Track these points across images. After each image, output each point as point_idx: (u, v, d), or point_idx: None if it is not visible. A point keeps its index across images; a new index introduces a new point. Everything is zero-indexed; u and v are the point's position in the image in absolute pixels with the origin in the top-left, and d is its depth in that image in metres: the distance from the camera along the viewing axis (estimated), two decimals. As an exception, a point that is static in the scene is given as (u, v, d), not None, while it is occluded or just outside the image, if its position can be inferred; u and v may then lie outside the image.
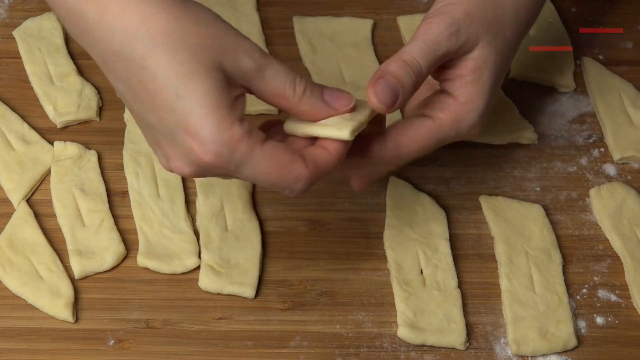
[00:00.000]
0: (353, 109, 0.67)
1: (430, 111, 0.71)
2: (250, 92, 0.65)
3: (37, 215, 0.83)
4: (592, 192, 0.86)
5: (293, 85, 0.65)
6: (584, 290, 0.82)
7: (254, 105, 0.89)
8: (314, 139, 0.68)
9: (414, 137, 0.71)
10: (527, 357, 0.79)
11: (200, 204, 0.84)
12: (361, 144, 0.70)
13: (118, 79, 0.64)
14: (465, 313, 0.80)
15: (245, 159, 0.63)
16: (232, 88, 0.63)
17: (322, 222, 0.85)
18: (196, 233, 0.83)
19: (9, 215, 0.83)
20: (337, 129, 0.66)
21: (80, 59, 0.93)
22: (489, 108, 0.73)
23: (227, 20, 0.93)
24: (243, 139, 0.62)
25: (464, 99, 0.71)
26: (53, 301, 0.78)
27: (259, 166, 0.63)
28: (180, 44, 0.61)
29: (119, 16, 0.61)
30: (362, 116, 0.68)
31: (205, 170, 0.64)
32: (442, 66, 0.72)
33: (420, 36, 0.69)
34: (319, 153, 0.66)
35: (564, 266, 0.82)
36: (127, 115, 0.88)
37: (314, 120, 0.67)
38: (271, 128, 0.69)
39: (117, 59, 0.62)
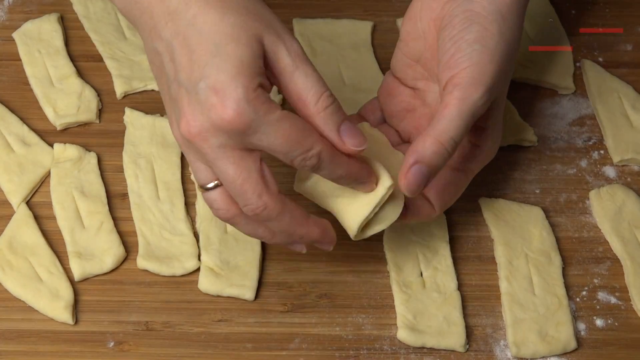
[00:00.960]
0: (361, 151, 0.67)
1: (461, 164, 0.76)
2: (276, 83, 0.66)
3: (36, 218, 0.83)
4: (592, 194, 0.87)
5: (317, 97, 0.65)
6: (584, 293, 0.82)
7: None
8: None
9: (454, 192, 0.77)
10: (527, 359, 0.79)
11: (200, 206, 0.84)
12: (411, 209, 0.74)
13: (161, 40, 0.66)
14: (465, 315, 0.80)
15: (265, 119, 0.63)
16: (264, 64, 0.64)
17: (321, 224, 0.84)
18: (196, 235, 0.83)
19: (8, 217, 0.83)
20: (353, 216, 0.70)
21: (80, 61, 0.93)
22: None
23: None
24: (266, 102, 0.63)
25: (487, 146, 0.75)
26: (53, 303, 0.78)
27: (278, 127, 0.63)
28: (232, 9, 0.64)
29: None
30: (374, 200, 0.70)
31: (214, 132, 0.64)
32: None
33: (456, 108, 0.68)
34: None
35: (563, 268, 0.82)
36: (127, 118, 0.88)
37: (320, 135, 0.66)
38: None
39: (169, 18, 0.65)
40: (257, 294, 0.81)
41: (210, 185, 0.68)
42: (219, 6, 0.64)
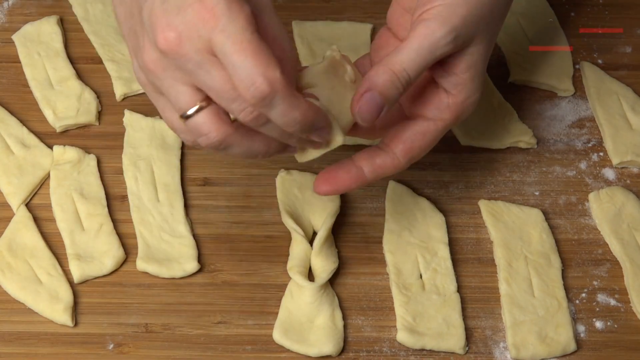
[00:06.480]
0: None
1: (432, 112, 0.71)
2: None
3: (36, 220, 0.83)
4: (591, 196, 0.87)
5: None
6: (583, 295, 0.82)
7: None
8: None
9: (424, 144, 0.72)
10: (527, 361, 0.79)
11: None
12: (373, 164, 0.71)
13: None
14: (465, 317, 0.80)
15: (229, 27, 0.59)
16: None
17: (321, 226, 0.84)
18: (195, 237, 0.83)
19: (8, 219, 0.83)
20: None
21: (79, 63, 0.93)
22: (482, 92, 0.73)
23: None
24: (244, 9, 0.59)
25: (463, 96, 0.71)
26: (52, 305, 0.78)
27: (238, 43, 0.59)
28: None
29: None
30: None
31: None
32: (437, 62, 0.70)
33: (416, 41, 0.68)
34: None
35: (563, 270, 0.82)
36: (127, 120, 0.88)
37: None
38: None
39: None
40: (257, 296, 0.80)
41: (193, 109, 0.62)
42: None
